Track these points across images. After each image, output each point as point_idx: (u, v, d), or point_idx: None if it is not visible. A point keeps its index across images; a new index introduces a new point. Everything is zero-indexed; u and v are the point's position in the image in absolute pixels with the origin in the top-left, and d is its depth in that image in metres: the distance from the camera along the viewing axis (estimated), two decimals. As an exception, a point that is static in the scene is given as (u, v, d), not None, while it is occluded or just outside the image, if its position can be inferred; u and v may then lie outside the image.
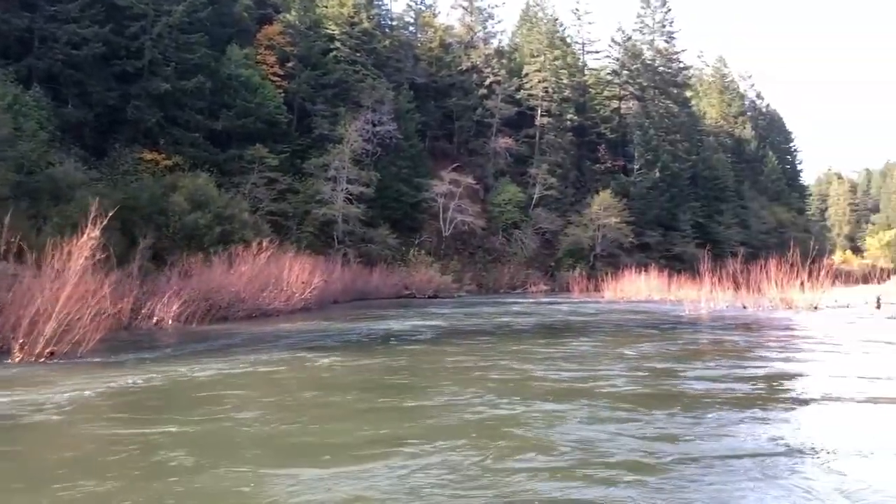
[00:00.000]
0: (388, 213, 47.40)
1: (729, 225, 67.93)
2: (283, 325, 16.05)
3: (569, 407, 6.97)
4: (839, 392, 7.57)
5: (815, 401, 7.29)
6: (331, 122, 46.68)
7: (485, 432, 6.06)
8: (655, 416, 6.63)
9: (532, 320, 17.95)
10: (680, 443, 5.62)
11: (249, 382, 8.56)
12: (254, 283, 18.19)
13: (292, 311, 20.04)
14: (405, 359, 10.57)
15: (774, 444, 5.49)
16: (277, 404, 7.28)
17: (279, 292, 19.19)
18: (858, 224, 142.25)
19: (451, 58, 61.02)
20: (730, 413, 6.66)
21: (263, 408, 7.09)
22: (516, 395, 7.65)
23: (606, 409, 6.95)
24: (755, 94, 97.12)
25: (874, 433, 5.86)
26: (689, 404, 7.14)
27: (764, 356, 10.58)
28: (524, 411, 6.87)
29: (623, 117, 69.65)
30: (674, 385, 8.19)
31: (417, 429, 6.18)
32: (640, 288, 30.66)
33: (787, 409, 6.84)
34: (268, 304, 18.69)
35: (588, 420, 6.51)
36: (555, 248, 56.69)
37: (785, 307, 18.89)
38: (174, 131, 38.39)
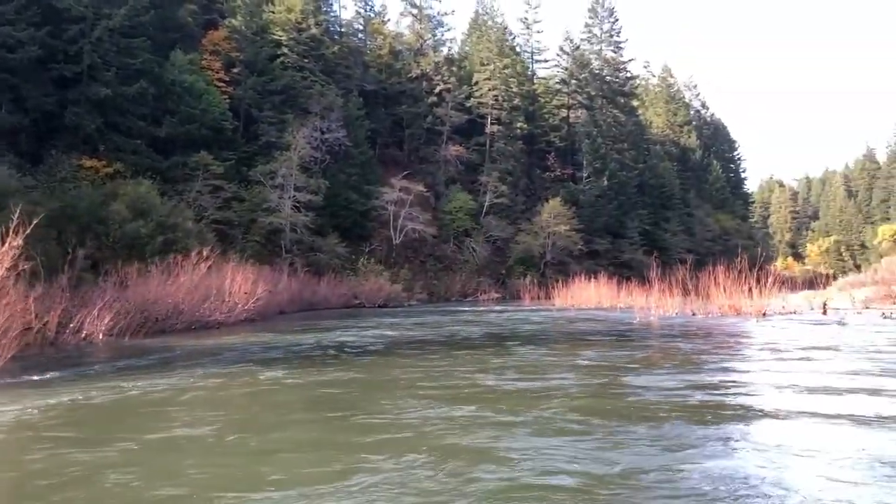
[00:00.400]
0: (338, 222, 46.74)
1: (675, 232, 68.97)
2: (224, 339, 15.23)
3: (521, 419, 6.69)
4: (785, 403, 7.42)
5: (761, 412, 7.10)
6: (278, 129, 45.89)
7: (435, 445, 5.83)
8: (607, 427, 6.45)
9: (483, 329, 17.50)
10: (630, 454, 5.49)
11: (181, 402, 7.88)
12: (194, 294, 17.31)
13: (235, 323, 19.17)
14: (349, 372, 10.01)
15: (725, 454, 5.36)
16: (214, 425, 6.74)
17: (221, 303, 18.37)
18: (799, 231, 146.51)
19: (400, 65, 60.68)
20: (682, 425, 6.43)
21: (199, 429, 6.55)
22: (467, 406, 7.33)
23: (558, 419, 6.70)
24: (700, 103, 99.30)
25: (821, 445, 5.68)
26: (641, 415, 6.92)
27: (714, 365, 10.40)
28: (476, 423, 6.59)
29: (572, 126, 70.27)
30: (625, 395, 7.95)
31: (369, 446, 5.85)
32: (590, 295, 30.66)
33: (735, 421, 6.63)
34: (208, 316, 17.80)
35: (540, 431, 6.27)
36: (506, 256, 56.68)
37: (733, 314, 18.95)
38: (115, 138, 37.28)
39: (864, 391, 7.81)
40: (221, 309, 18.06)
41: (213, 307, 17.80)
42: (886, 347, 12.03)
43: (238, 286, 19.05)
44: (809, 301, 21.33)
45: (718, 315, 19.10)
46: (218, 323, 18.15)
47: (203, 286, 17.94)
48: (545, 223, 55.57)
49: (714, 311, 19.28)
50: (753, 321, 17.58)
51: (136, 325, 15.55)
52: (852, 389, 7.81)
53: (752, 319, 17.76)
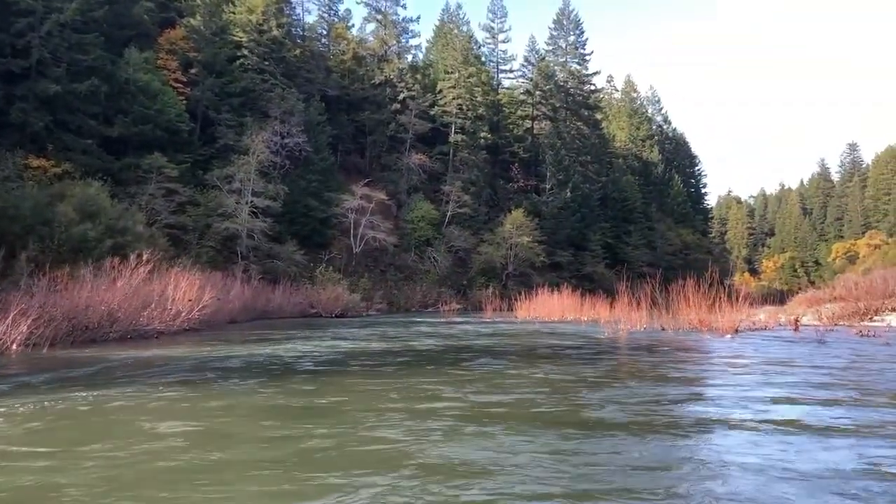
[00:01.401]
0: (296, 229, 45.59)
1: (637, 246, 69.13)
2: (160, 350, 13.94)
3: (486, 438, 5.87)
4: (761, 424, 6.71)
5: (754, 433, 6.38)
6: (236, 132, 44.72)
7: (393, 464, 5.14)
8: (576, 446, 5.79)
9: (444, 342, 16.47)
10: (599, 472, 5.00)
11: (58, 428, 6.65)
12: (132, 300, 16.00)
13: (178, 332, 17.78)
14: (291, 390, 8.87)
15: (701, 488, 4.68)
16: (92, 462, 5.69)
17: (162, 311, 17.11)
18: (755, 247, 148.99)
19: (364, 71, 59.78)
20: (662, 444, 5.70)
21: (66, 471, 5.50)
22: (428, 423, 6.51)
23: (526, 439, 5.92)
24: (662, 118, 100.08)
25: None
26: (611, 432, 6.16)
27: (699, 385, 9.64)
28: (437, 442, 5.81)
29: (536, 137, 70.11)
30: (598, 413, 7.16)
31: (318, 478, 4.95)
32: (554, 308, 30.02)
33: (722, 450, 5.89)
34: (146, 325, 16.42)
35: (510, 450, 5.51)
36: (468, 267, 55.99)
37: (704, 329, 18.40)
38: (64, 137, 36.09)
39: (871, 417, 7.13)
40: (162, 317, 16.72)
41: (152, 315, 16.45)
42: (876, 367, 11.39)
43: (182, 293, 17.78)
44: (775, 317, 20.89)
45: (688, 330, 18.51)
46: (157, 332, 16.79)
47: (143, 292, 16.64)
48: (508, 234, 55.05)
49: (684, 326, 18.68)
50: (727, 337, 16.95)
51: (62, 334, 14.11)
52: (861, 420, 7.09)
53: (725, 336, 17.15)
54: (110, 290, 15.17)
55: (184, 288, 17.75)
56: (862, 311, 20.90)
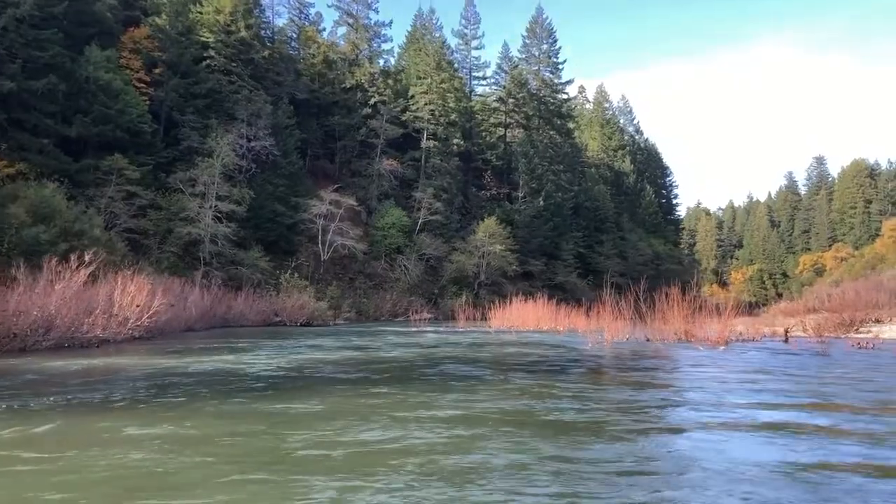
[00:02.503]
0: (262, 235, 44.28)
1: (609, 255, 68.71)
2: (98, 359, 12.49)
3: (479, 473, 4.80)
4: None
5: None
6: (201, 135, 43.42)
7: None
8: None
9: (415, 353, 15.16)
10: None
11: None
12: (72, 305, 14.63)
13: (126, 341, 16.39)
14: (216, 417, 7.15)
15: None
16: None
17: (109, 318, 15.77)
18: (724, 259, 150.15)
19: (334, 75, 58.63)
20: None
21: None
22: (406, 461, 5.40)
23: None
24: (634, 128, 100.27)
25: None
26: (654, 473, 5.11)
27: (724, 412, 7.82)
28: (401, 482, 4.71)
29: (509, 145, 69.53)
30: (604, 452, 6.11)
31: None
32: (528, 317, 29.08)
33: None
34: (85, 333, 14.86)
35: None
36: (439, 275, 54.98)
37: (692, 340, 17.53)
38: (19, 136, 34.94)
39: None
40: (107, 324, 15.28)
41: (95, 322, 15.02)
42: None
43: (131, 298, 16.42)
44: (755, 328, 20.17)
45: (675, 342, 17.62)
46: (100, 340, 15.34)
47: (87, 297, 15.26)
48: (480, 242, 54.19)
49: (669, 337, 17.79)
50: (720, 349, 15.98)
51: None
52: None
53: (717, 347, 16.21)
54: (46, 293, 13.74)
55: (132, 293, 16.40)
56: (848, 323, 20.31)
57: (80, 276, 14.86)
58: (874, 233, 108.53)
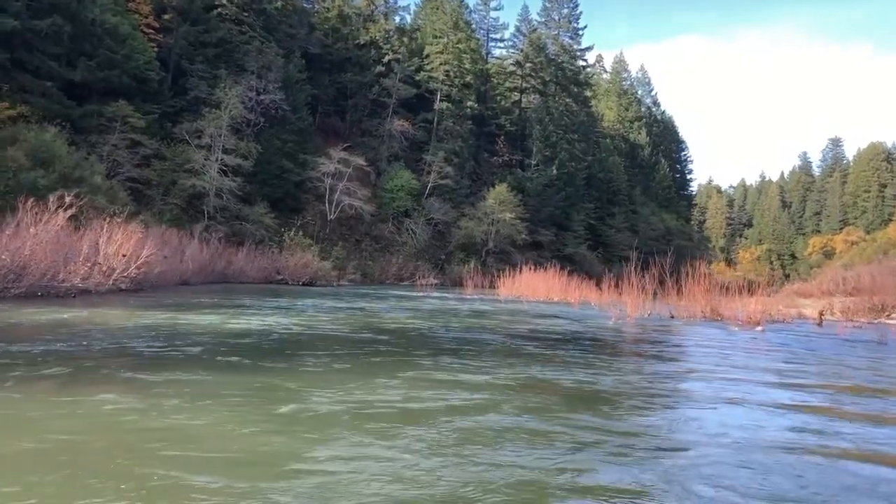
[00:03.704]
0: (268, 191, 43.28)
1: (620, 229, 67.67)
2: (68, 312, 10.92)
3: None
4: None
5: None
6: (209, 85, 42.20)
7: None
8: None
9: (424, 323, 13.71)
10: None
11: None
12: (50, 252, 13.39)
13: (109, 292, 15.26)
14: (168, 387, 5.72)
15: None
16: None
17: (91, 266, 14.63)
18: (733, 237, 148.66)
19: (348, 30, 57.03)
20: None
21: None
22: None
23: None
24: (651, 100, 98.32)
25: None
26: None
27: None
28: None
29: (523, 111, 68.00)
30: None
31: None
32: (539, 287, 28.11)
33: None
34: (62, 281, 13.61)
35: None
36: (446, 241, 54.04)
37: (721, 319, 16.49)
38: (21, 77, 33.80)
39: None
40: (89, 274, 14.22)
41: (75, 270, 13.99)
42: None
43: (117, 247, 15.39)
44: (775, 308, 19.12)
45: (702, 320, 16.60)
46: (79, 290, 14.24)
47: (68, 243, 14.21)
48: (490, 209, 53.10)
49: (696, 315, 16.76)
50: (758, 329, 14.68)
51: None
52: None
53: (754, 328, 14.94)
54: (17, 236, 12.68)
55: (119, 241, 15.42)
56: (879, 308, 19.27)
57: (58, 219, 13.80)
58: (887, 217, 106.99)
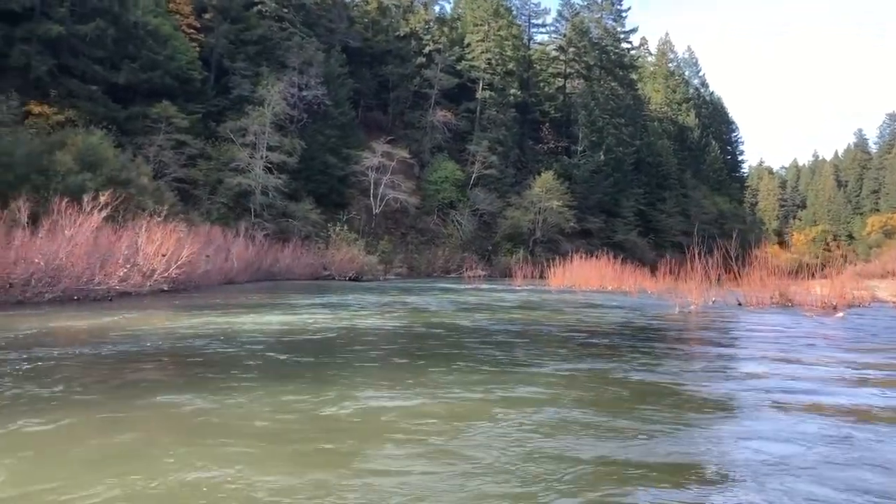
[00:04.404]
0: (313, 187, 43.19)
1: (671, 213, 66.05)
2: (97, 318, 10.28)
3: None
4: None
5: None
6: (251, 83, 42.27)
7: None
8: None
9: (478, 317, 12.48)
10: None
11: None
12: (85, 253, 13.06)
13: (150, 294, 14.85)
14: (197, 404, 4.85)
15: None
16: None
17: (131, 267, 14.32)
18: (786, 219, 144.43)
19: (388, 22, 56.64)
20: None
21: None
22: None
23: None
24: (700, 81, 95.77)
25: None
26: None
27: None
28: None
29: (568, 96, 66.74)
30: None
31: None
32: (591, 276, 27.22)
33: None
34: (97, 284, 13.11)
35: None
36: (492, 232, 53.35)
37: (792, 305, 15.48)
38: (68, 82, 34.40)
39: None
40: (129, 275, 13.78)
41: (112, 272, 13.54)
42: None
43: (157, 246, 15.07)
44: (848, 292, 17.84)
45: (772, 306, 15.63)
46: (114, 293, 13.70)
47: (105, 244, 13.89)
48: (536, 198, 52.19)
49: (765, 302, 15.79)
50: (839, 316, 13.37)
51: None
52: None
53: (835, 314, 13.75)
54: (51, 239, 12.37)
55: (159, 240, 15.13)
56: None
57: (93, 219, 13.49)
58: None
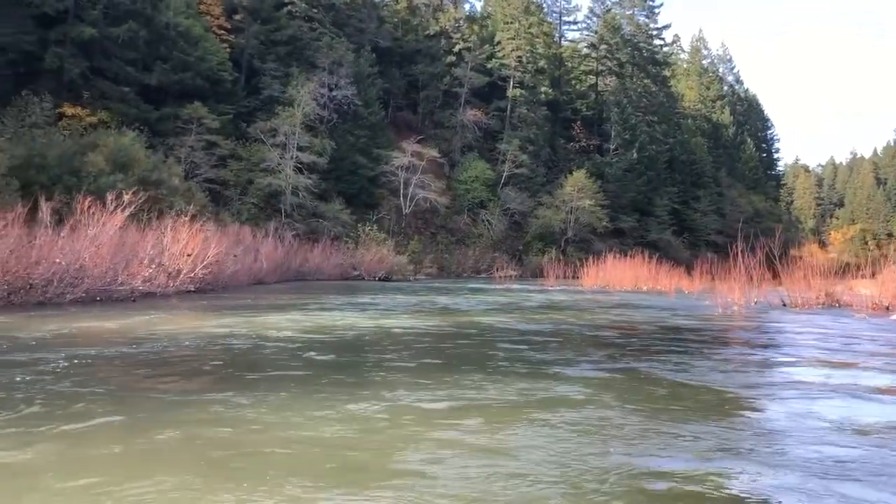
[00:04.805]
0: (343, 187, 43.05)
1: (705, 212, 64.85)
2: (118, 319, 9.96)
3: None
4: None
5: None
6: (282, 83, 42.28)
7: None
8: None
9: (513, 320, 11.90)
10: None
11: None
12: (107, 253, 12.78)
13: (176, 294, 14.56)
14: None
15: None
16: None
17: (157, 267, 14.06)
18: (823, 218, 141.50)
19: (418, 21, 56.40)
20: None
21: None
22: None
23: None
24: (734, 78, 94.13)
25: None
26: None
27: None
28: None
29: (600, 94, 65.89)
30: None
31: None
32: (625, 276, 26.58)
33: None
34: (120, 285, 12.84)
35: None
36: (523, 231, 52.79)
37: (840, 306, 14.81)
38: (100, 84, 34.62)
39: None
40: (154, 275, 13.51)
41: (133, 272, 13.27)
42: None
43: (183, 246, 14.83)
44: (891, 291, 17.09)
45: (819, 307, 14.98)
46: (138, 293, 13.38)
47: (130, 244, 13.68)
48: (568, 197, 51.51)
49: (811, 303, 15.11)
50: (893, 318, 12.72)
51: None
52: None
53: (888, 316, 13.07)
54: (73, 238, 12.14)
55: (185, 240, 14.91)
56: None
57: (117, 218, 13.26)
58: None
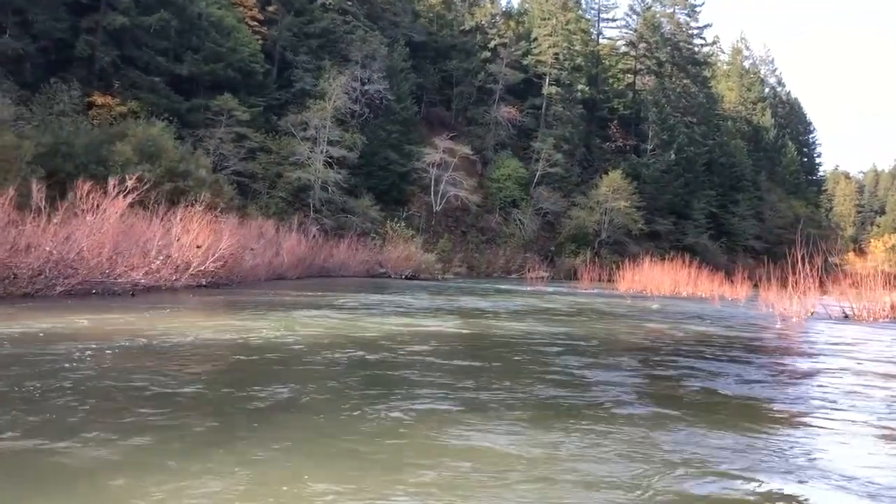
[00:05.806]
0: (373, 182, 42.34)
1: (744, 217, 63.05)
2: (103, 315, 9.05)
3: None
4: None
5: None
6: (313, 76, 41.71)
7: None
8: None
9: (548, 330, 10.31)
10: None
11: None
12: (108, 243, 11.96)
13: (183, 289, 13.80)
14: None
15: None
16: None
17: (164, 259, 13.22)
18: (863, 226, 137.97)
19: (453, 16, 55.52)
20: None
21: None
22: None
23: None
24: (776, 80, 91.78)
25: None
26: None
27: None
28: None
29: (638, 93, 64.44)
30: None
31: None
32: (663, 280, 25.40)
33: None
34: (117, 277, 11.90)
35: None
36: (556, 232, 51.63)
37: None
38: (131, 73, 34.42)
39: None
40: (160, 268, 12.74)
41: (131, 264, 12.39)
42: None
43: (193, 237, 14.02)
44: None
45: (888, 320, 13.79)
46: (140, 287, 12.57)
47: (134, 234, 12.87)
48: (602, 198, 50.25)
49: (877, 314, 13.94)
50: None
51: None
52: None
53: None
54: (71, 226, 11.30)
55: (196, 231, 14.12)
56: None
57: (117, 205, 12.44)
58: None
